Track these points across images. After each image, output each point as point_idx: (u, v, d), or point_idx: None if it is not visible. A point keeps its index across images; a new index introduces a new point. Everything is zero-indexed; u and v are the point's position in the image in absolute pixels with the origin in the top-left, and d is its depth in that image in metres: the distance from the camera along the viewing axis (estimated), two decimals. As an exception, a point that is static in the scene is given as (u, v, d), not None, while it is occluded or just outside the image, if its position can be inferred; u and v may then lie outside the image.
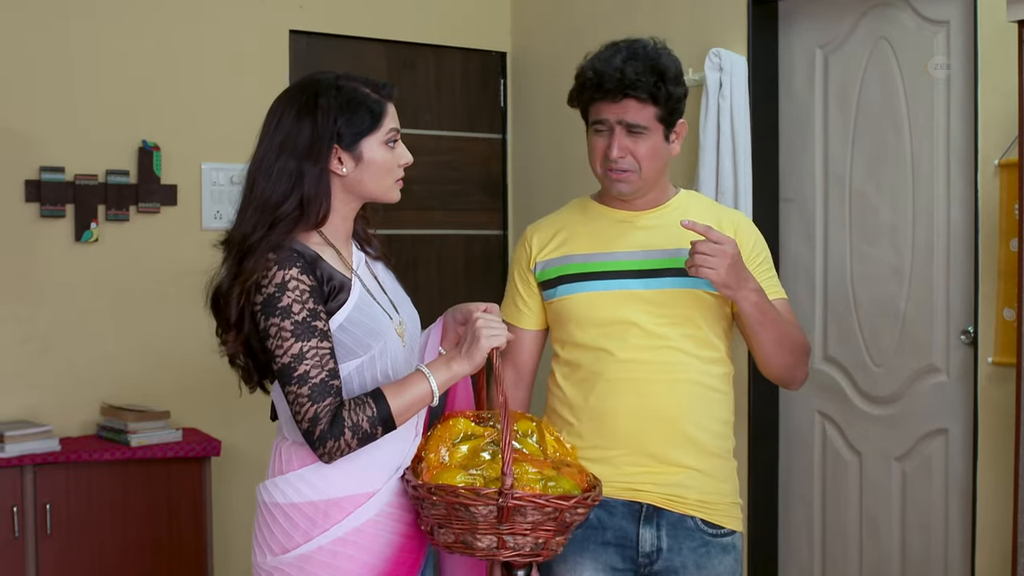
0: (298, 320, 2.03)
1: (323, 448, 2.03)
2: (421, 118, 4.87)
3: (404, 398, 2.08)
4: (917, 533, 3.53)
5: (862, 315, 3.69)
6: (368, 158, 2.15)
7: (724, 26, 3.95)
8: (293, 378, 2.03)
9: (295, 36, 4.53)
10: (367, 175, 2.16)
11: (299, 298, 2.04)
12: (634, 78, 2.27)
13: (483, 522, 2.01)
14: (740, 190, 3.76)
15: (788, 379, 2.44)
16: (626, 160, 2.33)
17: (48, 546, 3.65)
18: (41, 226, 3.99)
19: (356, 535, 2.10)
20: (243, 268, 2.07)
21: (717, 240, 2.18)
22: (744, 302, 2.24)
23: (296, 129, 2.11)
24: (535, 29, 4.84)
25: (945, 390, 3.45)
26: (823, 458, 3.84)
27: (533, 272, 2.49)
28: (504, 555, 2.03)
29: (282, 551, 2.11)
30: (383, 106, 2.17)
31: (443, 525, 2.05)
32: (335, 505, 2.10)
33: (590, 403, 2.39)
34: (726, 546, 2.38)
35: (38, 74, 3.99)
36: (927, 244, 3.50)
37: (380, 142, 2.16)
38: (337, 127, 2.11)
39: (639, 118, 2.30)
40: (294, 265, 2.05)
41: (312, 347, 2.04)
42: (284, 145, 2.11)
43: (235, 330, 2.09)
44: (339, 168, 2.14)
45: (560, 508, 2.02)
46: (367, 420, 2.04)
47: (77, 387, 4.04)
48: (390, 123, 2.18)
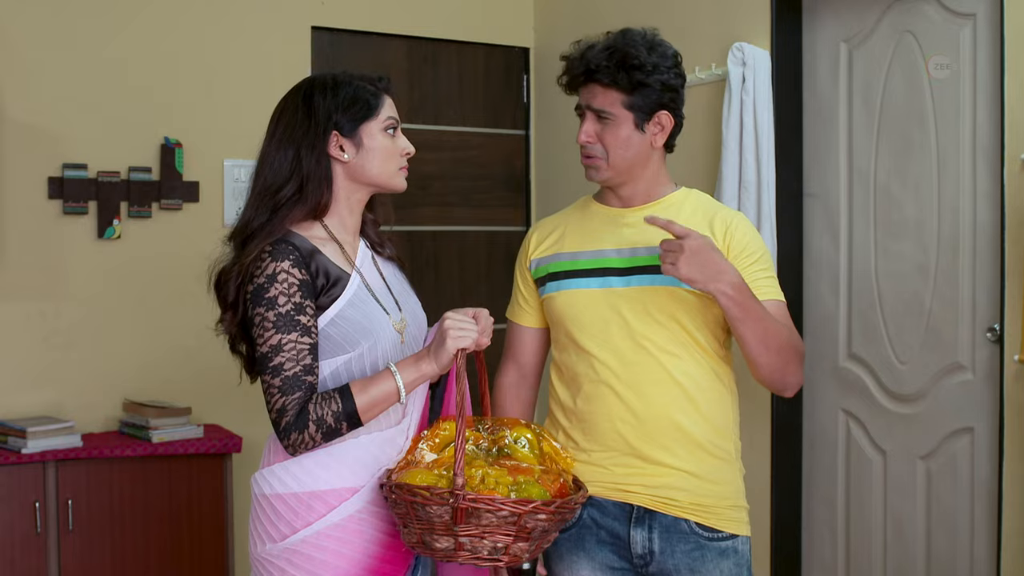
0: (282, 312, 2.08)
1: (287, 440, 2.07)
2: (444, 114, 4.86)
3: (370, 395, 2.10)
4: (942, 533, 3.49)
5: (887, 312, 3.65)
6: (368, 144, 2.21)
7: (747, 20, 3.91)
8: (268, 368, 2.08)
9: (317, 32, 4.53)
10: (369, 160, 2.21)
11: (286, 291, 2.09)
12: (595, 63, 2.29)
13: (439, 523, 2.00)
14: (763, 185, 3.73)
15: (778, 383, 2.34)
16: (595, 147, 2.34)
17: (70, 542, 3.67)
18: (64, 223, 4.01)
19: (338, 530, 2.12)
20: (244, 252, 2.13)
21: (677, 234, 2.14)
22: (719, 296, 2.17)
23: (294, 121, 2.19)
24: (558, 25, 4.81)
25: (971, 388, 3.40)
26: (847, 457, 3.80)
27: (530, 269, 2.48)
28: (462, 557, 2.01)
29: (271, 541, 2.15)
30: (380, 96, 2.25)
31: (406, 524, 2.06)
32: (317, 498, 2.13)
33: (578, 405, 2.38)
34: (724, 550, 2.34)
35: (61, 71, 4.01)
36: (952, 240, 3.45)
37: (379, 129, 2.23)
38: (334, 116, 2.19)
39: (604, 103, 2.31)
40: (287, 258, 2.09)
41: (291, 340, 2.08)
42: (283, 137, 2.19)
43: (232, 311, 2.15)
44: (340, 155, 2.20)
45: (518, 512, 1.98)
46: (332, 415, 2.07)
47: (99, 383, 4.05)
48: (388, 112, 2.25)
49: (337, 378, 2.15)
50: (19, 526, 3.60)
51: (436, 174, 4.84)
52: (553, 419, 2.46)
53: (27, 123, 3.94)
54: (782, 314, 2.34)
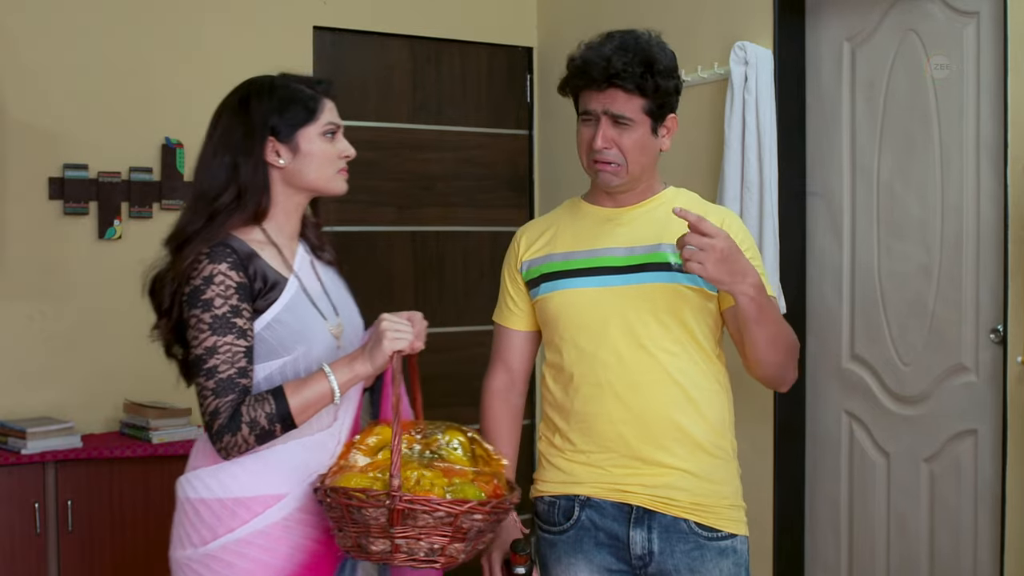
0: (218, 315, 2.06)
1: (220, 442, 2.05)
2: (447, 114, 4.84)
3: (304, 396, 2.08)
4: (945, 535, 3.46)
5: (890, 313, 3.62)
6: (306, 149, 2.19)
7: (750, 19, 3.89)
8: (202, 370, 2.05)
9: (319, 32, 4.51)
10: (306, 166, 2.20)
11: (223, 293, 2.07)
12: (620, 67, 2.23)
13: (375, 525, 1.98)
14: (766, 185, 3.70)
15: (778, 380, 2.35)
16: (611, 152, 2.29)
17: (70, 543, 3.65)
18: (64, 223, 4.00)
19: (261, 537, 2.09)
20: (178, 257, 2.10)
21: (707, 232, 2.07)
22: (741, 297, 2.14)
23: (231, 126, 2.18)
24: (562, 24, 4.79)
25: (974, 390, 3.37)
26: (850, 458, 3.78)
27: (520, 272, 2.45)
28: (398, 560, 2.00)
29: (192, 546, 2.12)
30: (318, 101, 2.21)
31: (341, 528, 2.03)
32: (241, 504, 2.09)
33: (576, 406, 2.35)
34: (723, 550, 2.32)
35: (62, 71, 4.00)
36: (956, 240, 3.42)
37: (318, 134, 2.20)
38: (271, 121, 2.16)
39: (625, 109, 2.26)
40: (224, 260, 2.08)
41: (226, 343, 2.06)
42: (220, 143, 2.17)
43: (166, 316, 2.13)
44: (276, 160, 2.18)
45: (454, 513, 1.98)
46: (265, 416, 2.05)
47: (100, 384, 4.04)
48: (328, 117, 2.22)
49: (271, 382, 2.12)
50: (19, 527, 3.58)
51: (439, 174, 4.82)
52: (548, 421, 2.44)
53: (28, 123, 3.93)
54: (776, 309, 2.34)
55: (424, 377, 5.21)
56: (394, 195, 4.72)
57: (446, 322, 4.82)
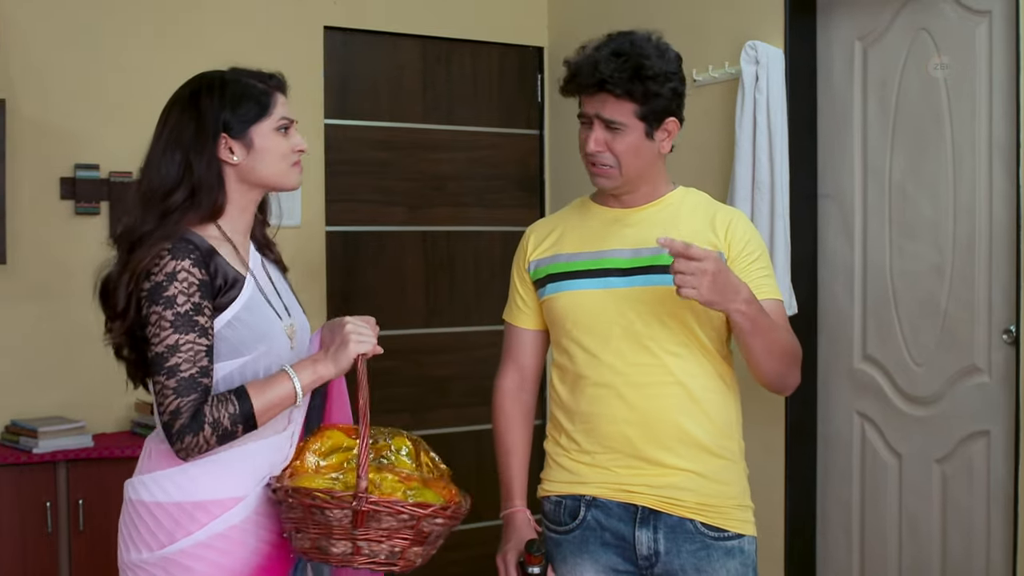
0: (180, 312, 2.02)
1: (181, 443, 2.00)
2: (457, 114, 4.84)
3: (267, 397, 2.06)
4: (958, 537, 3.45)
5: (902, 313, 3.61)
6: (260, 145, 2.16)
7: (761, 19, 3.88)
8: (163, 369, 2.01)
9: (330, 32, 4.51)
10: (260, 162, 2.16)
11: (186, 290, 2.03)
12: (608, 73, 2.23)
13: (338, 527, 1.98)
14: (777, 186, 3.69)
15: (778, 386, 2.35)
16: (605, 155, 2.30)
17: (81, 542, 3.66)
18: (76, 223, 4.01)
19: (220, 540, 2.07)
20: (133, 257, 2.05)
21: (696, 256, 2.08)
22: (734, 315, 2.15)
23: (181, 123, 2.13)
24: (572, 24, 4.79)
25: (987, 391, 3.36)
26: (862, 460, 3.76)
27: (528, 271, 2.46)
28: (359, 562, 2.00)
29: (148, 550, 2.08)
30: (270, 96, 2.18)
31: (300, 530, 2.02)
32: (200, 508, 2.06)
33: (581, 407, 2.36)
34: (730, 550, 2.32)
35: (73, 71, 4.01)
36: (968, 241, 3.40)
37: (271, 129, 2.17)
38: (223, 117, 2.13)
39: (615, 114, 2.26)
40: (187, 257, 2.04)
41: (188, 341, 2.02)
42: (170, 140, 2.13)
43: (121, 319, 2.08)
44: (230, 157, 2.14)
45: (417, 516, 1.99)
46: (228, 417, 2.02)
47: (111, 384, 4.00)
48: (280, 111, 2.19)
49: (230, 382, 2.09)
50: (30, 526, 3.59)
51: (450, 174, 4.82)
52: (554, 421, 2.44)
53: (40, 123, 3.94)
54: (780, 313, 2.33)
55: (435, 377, 5.23)
56: (405, 195, 4.71)
57: (456, 322, 4.82)
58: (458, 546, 4.51)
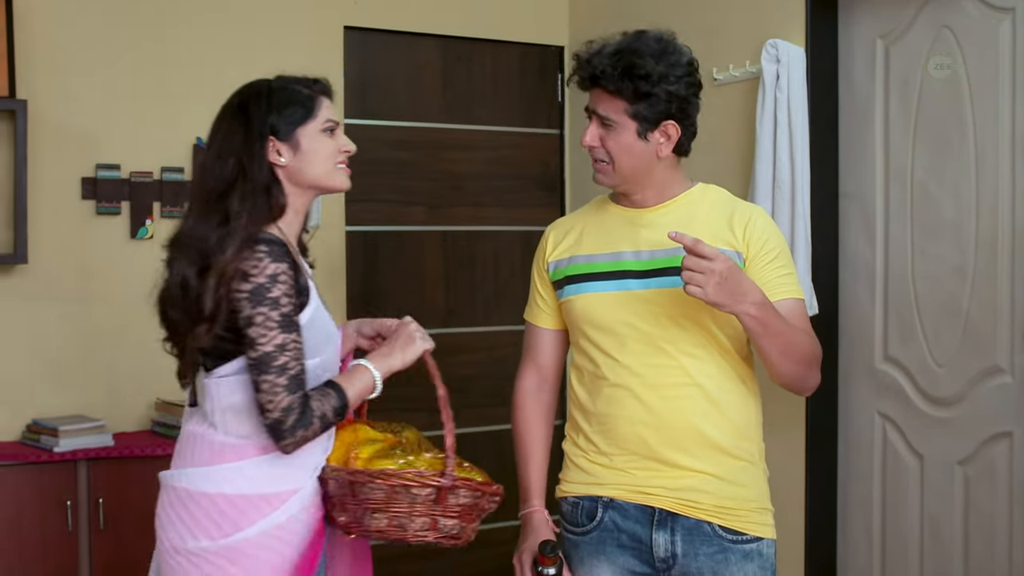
0: (284, 312, 2.13)
1: (292, 437, 2.12)
2: (478, 114, 4.83)
3: (356, 389, 2.22)
4: (980, 539, 3.42)
5: (924, 314, 3.58)
6: (306, 146, 2.26)
7: (782, 17, 3.85)
8: (272, 367, 2.11)
9: (350, 32, 4.52)
10: (307, 163, 2.26)
11: (287, 292, 2.14)
12: (600, 70, 2.24)
13: (420, 504, 2.15)
14: (797, 185, 3.67)
15: (796, 387, 2.34)
16: (599, 151, 2.31)
17: (101, 541, 3.68)
18: (97, 223, 4.03)
19: (280, 530, 2.19)
20: (219, 260, 2.12)
21: (705, 255, 2.07)
22: (743, 317, 2.14)
23: (232, 129, 2.25)
24: (593, 23, 4.77)
25: (1009, 392, 3.32)
26: (883, 461, 3.73)
27: (547, 271, 2.45)
28: (431, 536, 2.18)
29: (209, 538, 2.19)
30: (315, 99, 2.30)
31: (379, 510, 2.16)
32: (264, 499, 2.19)
33: (598, 408, 2.36)
34: (748, 553, 2.30)
35: (94, 72, 4.03)
36: (991, 240, 3.37)
37: (317, 131, 2.28)
38: (269, 121, 2.24)
39: (608, 110, 2.27)
40: (284, 259, 2.15)
41: (292, 340, 2.13)
42: (223, 145, 2.25)
43: (209, 321, 2.15)
44: (278, 159, 2.24)
45: (481, 493, 2.21)
46: (332, 410, 2.16)
47: (132, 383, 4.07)
48: (325, 114, 2.31)
49: (312, 380, 2.20)
50: (51, 525, 3.61)
51: (470, 174, 4.82)
52: (572, 422, 2.44)
53: (60, 124, 3.96)
54: (800, 313, 2.31)
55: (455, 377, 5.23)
56: (425, 195, 4.71)
57: (476, 322, 4.81)
58: (478, 545, 4.52)
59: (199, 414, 2.28)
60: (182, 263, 2.19)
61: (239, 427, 2.21)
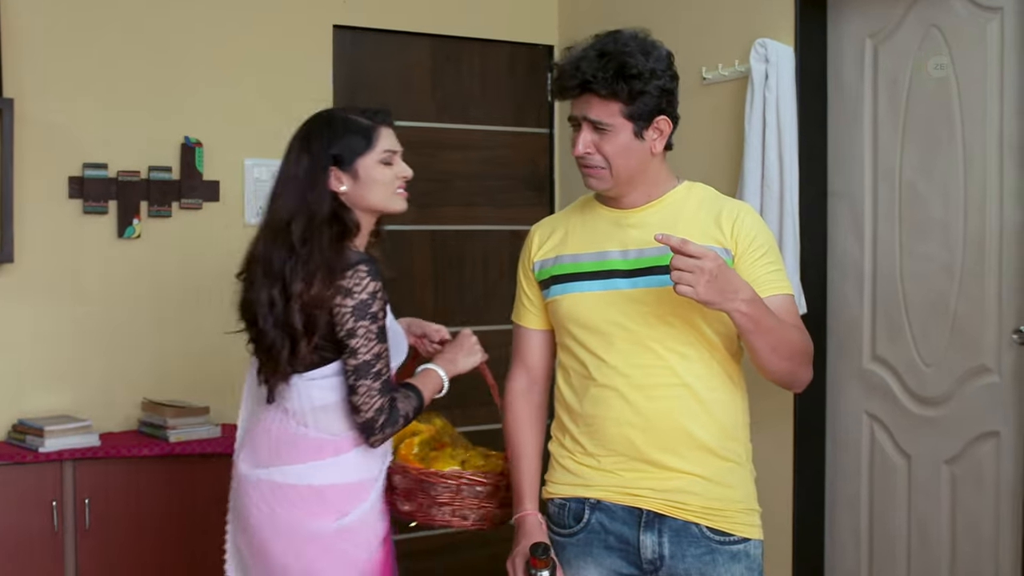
0: (380, 325, 2.40)
1: (382, 435, 2.42)
2: (467, 113, 4.82)
3: (429, 390, 2.55)
4: (967, 538, 3.42)
5: (912, 313, 3.58)
6: (364, 175, 2.47)
7: (771, 16, 3.85)
8: (371, 374, 2.38)
9: (339, 31, 4.50)
10: (365, 190, 2.47)
11: (383, 307, 2.42)
12: (591, 75, 2.21)
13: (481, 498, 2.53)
14: (786, 184, 3.66)
15: (787, 383, 2.33)
16: (594, 157, 2.28)
17: (87, 541, 3.66)
18: (84, 222, 4.01)
19: (372, 512, 2.51)
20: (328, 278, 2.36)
21: (694, 254, 2.06)
22: (734, 314, 2.13)
23: (299, 160, 2.47)
24: (582, 22, 4.76)
25: (996, 391, 3.33)
26: (871, 461, 3.73)
27: (533, 271, 2.44)
28: (486, 525, 2.55)
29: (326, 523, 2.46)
30: (375, 130, 2.49)
31: (446, 504, 2.51)
32: (359, 486, 2.49)
33: (584, 408, 2.34)
34: (736, 554, 2.29)
35: (81, 71, 4.01)
36: (979, 240, 3.37)
37: (376, 161, 2.48)
38: (331, 151, 2.45)
39: (601, 115, 2.24)
40: (379, 278, 2.41)
41: (385, 349, 2.42)
42: (288, 174, 2.47)
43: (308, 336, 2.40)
44: (339, 186, 2.46)
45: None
46: (412, 410, 2.47)
47: (118, 382, 4.05)
48: (384, 145, 2.50)
49: None
50: (36, 525, 3.59)
51: (460, 173, 4.81)
52: (559, 423, 2.43)
53: (48, 123, 3.94)
54: (790, 308, 2.30)
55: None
56: (413, 193, 4.63)
57: (465, 322, 4.78)
58: (476, 545, 4.51)
59: (281, 413, 2.49)
60: (262, 285, 2.43)
61: (330, 424, 2.45)
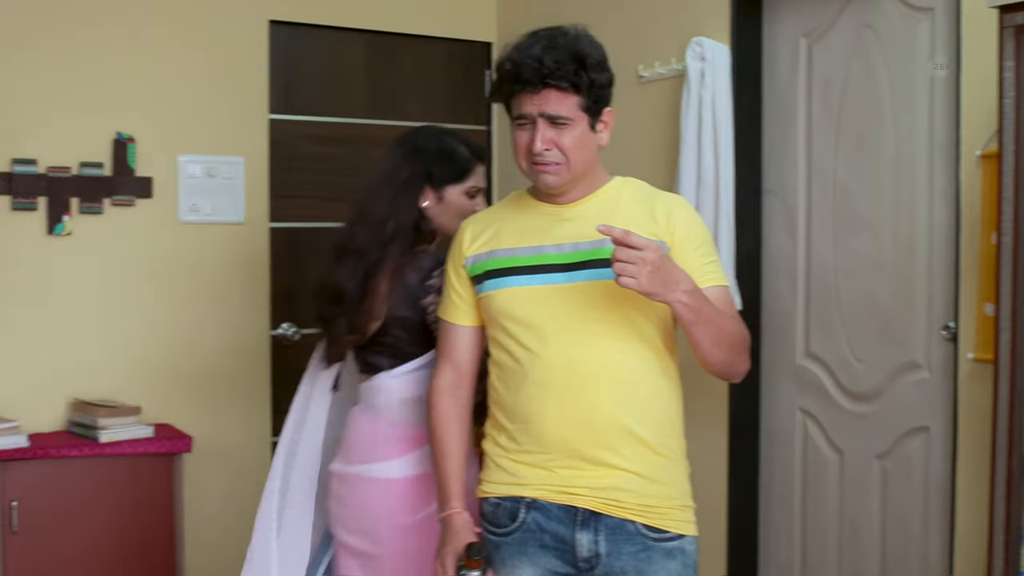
0: None
1: None
2: (404, 110, 4.79)
3: None
4: (897, 532, 3.46)
5: (844, 310, 3.62)
6: (448, 201, 2.73)
7: (707, 14, 3.87)
8: None
9: (275, 26, 4.46)
10: (444, 213, 2.72)
11: None
12: (553, 67, 2.20)
13: None
14: (722, 182, 3.69)
15: (729, 373, 2.34)
16: (552, 152, 2.26)
17: (14, 544, 3.60)
18: (13, 219, 3.94)
19: None
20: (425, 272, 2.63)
21: (636, 245, 2.07)
22: (676, 305, 2.13)
23: (399, 167, 2.70)
24: (520, 19, 4.76)
25: (926, 387, 3.37)
26: (804, 456, 3.77)
27: (465, 267, 2.43)
28: None
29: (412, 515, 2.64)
30: (472, 164, 2.75)
31: None
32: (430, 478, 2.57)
33: (519, 405, 2.32)
34: (671, 551, 2.30)
35: (10, 65, 3.93)
36: (909, 237, 3.42)
37: (462, 191, 2.74)
38: (430, 169, 2.69)
39: (561, 108, 2.23)
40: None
41: None
42: (386, 178, 2.70)
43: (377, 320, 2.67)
44: (423, 201, 2.70)
45: None
46: None
47: (48, 382, 3.99)
48: (474, 181, 2.76)
49: None
50: (-37, 527, 3.53)
51: (397, 170, 4.77)
52: (493, 420, 2.41)
53: (-25, 117, 3.87)
54: (726, 300, 2.32)
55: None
56: (350, 191, 4.60)
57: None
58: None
59: (370, 413, 2.71)
60: (343, 271, 2.65)
61: (413, 416, 2.64)
